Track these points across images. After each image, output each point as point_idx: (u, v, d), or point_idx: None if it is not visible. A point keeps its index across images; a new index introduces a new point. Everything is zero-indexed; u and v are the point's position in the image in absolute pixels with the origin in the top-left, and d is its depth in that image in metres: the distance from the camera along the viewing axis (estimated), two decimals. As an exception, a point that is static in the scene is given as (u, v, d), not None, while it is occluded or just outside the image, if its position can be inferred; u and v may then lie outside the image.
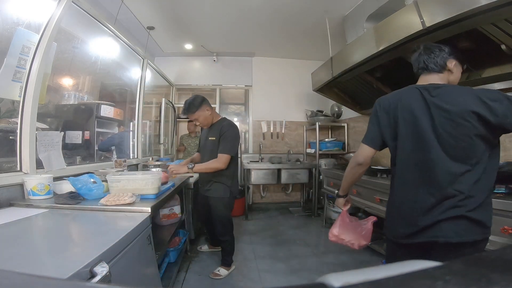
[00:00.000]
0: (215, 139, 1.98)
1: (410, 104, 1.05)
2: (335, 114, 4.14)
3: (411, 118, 1.04)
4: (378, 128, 1.13)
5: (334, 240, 1.39)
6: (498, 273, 0.17)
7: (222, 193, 2.02)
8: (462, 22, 1.43)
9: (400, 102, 1.08)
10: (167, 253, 2.04)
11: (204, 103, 1.99)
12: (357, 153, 1.20)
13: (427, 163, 1.01)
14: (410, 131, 1.04)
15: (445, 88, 1.02)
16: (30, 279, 0.19)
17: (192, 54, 4.15)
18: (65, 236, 0.88)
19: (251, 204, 4.16)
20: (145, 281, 1.08)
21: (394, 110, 1.08)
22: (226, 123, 2.02)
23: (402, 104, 1.07)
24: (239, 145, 4.18)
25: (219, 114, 2.15)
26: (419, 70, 1.12)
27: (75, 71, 2.71)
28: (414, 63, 1.14)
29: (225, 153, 1.91)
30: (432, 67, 1.07)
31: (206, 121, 2.01)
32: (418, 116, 1.03)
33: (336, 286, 0.18)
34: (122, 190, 1.35)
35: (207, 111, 1.99)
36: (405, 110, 1.06)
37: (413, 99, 1.05)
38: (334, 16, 2.88)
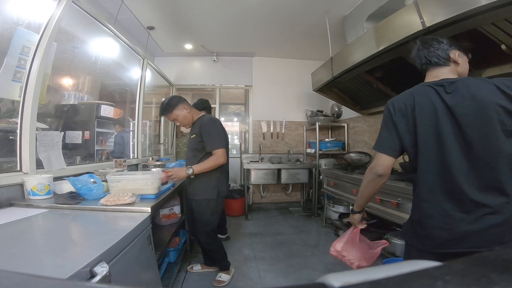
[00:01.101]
0: (195, 136, 1.85)
1: (427, 105, 0.96)
2: (335, 114, 4.14)
3: (430, 120, 0.96)
4: (396, 134, 1.02)
5: (335, 255, 1.32)
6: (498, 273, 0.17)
7: (208, 193, 1.84)
8: (462, 22, 1.43)
9: (416, 103, 0.98)
10: (167, 253, 2.04)
11: (181, 102, 1.89)
12: (374, 164, 1.08)
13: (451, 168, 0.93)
14: (431, 134, 0.96)
15: (461, 82, 0.94)
16: (30, 279, 0.19)
17: (192, 54, 4.15)
18: (65, 236, 0.88)
19: (251, 204, 4.16)
20: (145, 281, 1.08)
21: (412, 113, 0.99)
22: (205, 118, 1.90)
23: (418, 105, 0.98)
24: (239, 145, 4.23)
25: (200, 112, 2.02)
26: (422, 66, 1.06)
27: (75, 71, 2.71)
28: (416, 59, 1.08)
29: (216, 148, 1.77)
30: (435, 61, 1.01)
31: (186, 120, 1.90)
32: (437, 117, 0.94)
33: (336, 286, 0.18)
34: (122, 190, 1.35)
35: (185, 110, 1.88)
36: (423, 111, 0.97)
37: (429, 98, 0.97)
38: (334, 16, 2.88)
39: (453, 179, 0.93)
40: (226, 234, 2.91)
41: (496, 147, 0.88)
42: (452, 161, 0.93)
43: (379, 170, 1.06)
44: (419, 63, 1.07)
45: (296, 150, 4.35)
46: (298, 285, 0.19)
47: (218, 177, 1.88)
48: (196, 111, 1.98)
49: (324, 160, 3.64)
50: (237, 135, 4.61)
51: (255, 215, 3.89)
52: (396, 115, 1.02)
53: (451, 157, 0.93)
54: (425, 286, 0.16)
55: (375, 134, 3.47)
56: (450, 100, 0.93)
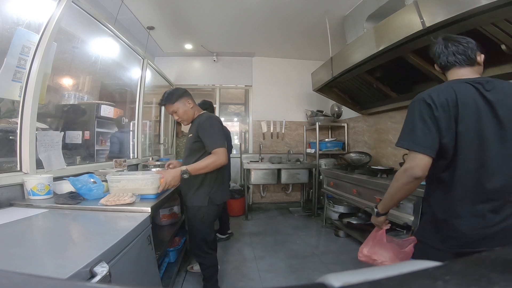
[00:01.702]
0: (192, 135, 1.69)
1: (470, 101, 0.92)
2: (335, 114, 4.14)
3: (473, 117, 0.91)
4: (436, 131, 0.93)
5: (364, 260, 1.24)
6: (498, 273, 0.17)
7: (200, 201, 1.64)
8: (462, 22, 1.43)
9: (459, 98, 0.92)
10: (167, 253, 2.04)
11: (187, 96, 1.73)
12: (411, 165, 0.96)
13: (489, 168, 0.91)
14: (473, 132, 0.92)
15: (496, 82, 0.93)
16: (30, 279, 0.19)
17: (192, 54, 4.15)
18: (65, 236, 0.88)
19: (251, 204, 4.16)
20: (145, 281, 1.08)
21: (454, 109, 0.92)
22: (204, 116, 1.72)
23: (461, 101, 0.92)
24: (239, 145, 4.23)
25: (202, 110, 1.84)
26: (448, 63, 1.01)
27: (75, 71, 2.71)
28: (441, 55, 1.03)
29: (216, 147, 1.55)
30: (463, 59, 0.98)
31: (186, 115, 1.72)
32: (480, 114, 0.91)
33: (336, 286, 0.18)
34: (122, 190, 1.34)
35: (188, 104, 1.72)
36: (467, 108, 0.91)
37: (471, 94, 0.92)
38: (334, 16, 2.88)
39: (491, 180, 0.90)
40: (226, 235, 2.91)
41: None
42: (491, 161, 0.90)
43: (417, 172, 0.95)
44: (444, 60, 1.02)
45: (296, 150, 4.35)
46: (298, 285, 0.19)
47: (212, 182, 1.67)
48: (199, 109, 1.82)
49: (324, 160, 3.64)
50: (237, 135, 4.61)
51: (255, 215, 3.89)
52: (438, 110, 0.93)
53: (491, 157, 0.90)
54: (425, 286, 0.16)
55: (375, 134, 3.48)
56: (492, 97, 0.90)
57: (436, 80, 2.03)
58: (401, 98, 2.64)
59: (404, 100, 2.60)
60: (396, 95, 2.70)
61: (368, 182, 2.30)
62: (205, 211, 1.65)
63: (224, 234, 2.90)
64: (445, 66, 1.04)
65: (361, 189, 2.42)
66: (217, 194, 1.69)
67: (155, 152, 3.57)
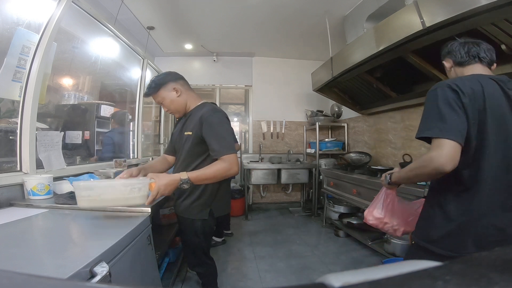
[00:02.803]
0: (191, 133, 1.33)
1: (496, 94, 0.88)
2: (335, 114, 4.14)
3: (499, 111, 0.87)
4: (465, 118, 0.85)
5: (374, 223, 1.14)
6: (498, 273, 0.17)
7: (197, 213, 1.36)
8: (462, 22, 1.43)
9: (486, 90, 0.87)
10: (167, 253, 2.04)
11: (172, 80, 1.37)
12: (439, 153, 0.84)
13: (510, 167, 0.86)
14: (498, 127, 0.87)
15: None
16: (30, 279, 0.19)
17: (192, 54, 4.15)
18: (65, 236, 0.88)
19: (251, 204, 4.16)
20: (145, 281, 1.08)
21: (480, 99, 0.86)
22: (207, 109, 1.33)
23: (488, 93, 0.87)
24: (240, 145, 4.23)
25: (199, 99, 1.46)
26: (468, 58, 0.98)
27: (75, 71, 2.70)
28: (460, 49, 1.00)
29: (227, 153, 1.23)
30: (484, 56, 0.96)
31: (173, 105, 1.38)
32: (505, 110, 0.87)
33: (336, 286, 0.18)
34: (98, 201, 0.96)
35: (174, 92, 1.36)
36: (493, 100, 0.86)
37: (496, 88, 0.88)
38: (334, 16, 2.88)
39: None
40: (222, 238, 2.79)
41: None
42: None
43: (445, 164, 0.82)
44: (465, 54, 0.98)
45: (296, 150, 4.35)
46: (298, 285, 0.19)
47: (215, 191, 1.37)
48: (194, 97, 1.44)
49: (324, 160, 3.64)
50: (237, 135, 4.60)
51: (255, 215, 3.89)
52: (465, 97, 0.85)
53: None
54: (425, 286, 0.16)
55: (375, 134, 3.49)
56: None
57: (436, 80, 2.03)
58: (401, 98, 2.64)
59: (404, 100, 2.60)
60: (396, 95, 2.70)
61: (368, 182, 2.30)
62: (202, 224, 1.38)
63: (221, 236, 2.77)
64: (462, 62, 0.98)
65: (361, 189, 2.42)
66: (220, 206, 1.43)
67: (155, 152, 3.57)
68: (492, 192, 0.86)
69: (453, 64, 1.03)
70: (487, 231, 0.86)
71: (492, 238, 0.85)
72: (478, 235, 0.86)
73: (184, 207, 1.37)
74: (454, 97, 0.86)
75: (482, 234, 0.86)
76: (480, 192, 0.87)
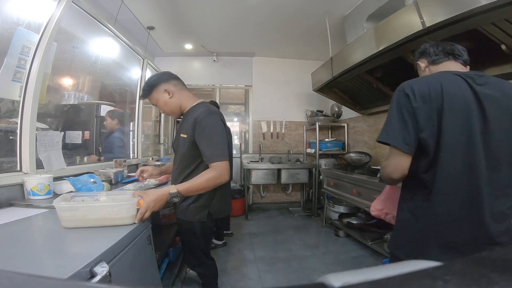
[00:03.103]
0: (186, 136, 1.30)
1: (458, 94, 0.83)
2: (335, 114, 4.14)
3: (461, 112, 0.82)
4: (413, 126, 0.84)
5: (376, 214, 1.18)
6: (498, 273, 0.17)
7: (194, 215, 1.33)
8: (462, 22, 1.43)
9: (445, 89, 0.83)
10: (167, 253, 2.04)
11: (163, 81, 1.34)
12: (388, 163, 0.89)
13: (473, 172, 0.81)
14: (461, 129, 0.82)
15: (489, 77, 0.86)
16: (30, 279, 0.19)
17: (192, 54, 4.15)
18: (65, 236, 0.88)
19: (251, 204, 4.16)
20: (145, 281, 1.08)
21: (438, 100, 0.83)
22: (201, 110, 1.29)
23: (448, 93, 0.82)
24: (239, 145, 4.23)
25: (194, 98, 1.42)
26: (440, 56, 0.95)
27: (75, 71, 2.71)
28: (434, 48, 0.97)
29: (217, 160, 1.20)
30: (458, 54, 0.93)
31: (168, 107, 1.37)
32: (469, 110, 0.82)
33: (336, 286, 0.18)
34: (83, 221, 0.92)
35: (165, 93, 1.34)
36: (454, 100, 0.82)
37: (460, 86, 0.84)
38: (334, 16, 2.88)
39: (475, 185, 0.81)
40: (223, 240, 2.76)
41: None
42: (477, 164, 0.81)
43: (392, 173, 0.87)
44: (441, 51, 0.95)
45: (296, 150, 4.35)
46: (298, 285, 0.19)
47: (212, 193, 1.33)
48: (188, 97, 1.40)
49: (324, 160, 3.64)
50: (237, 135, 4.61)
51: (255, 215, 3.89)
52: (416, 101, 0.83)
53: (478, 159, 0.81)
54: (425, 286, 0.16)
55: (375, 134, 3.48)
56: (481, 91, 0.82)
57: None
58: (401, 98, 2.63)
59: (404, 100, 2.59)
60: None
61: (368, 182, 2.30)
62: (200, 226, 1.35)
63: (221, 239, 2.73)
64: (436, 59, 0.96)
65: (361, 189, 2.42)
66: (219, 207, 1.38)
67: (155, 152, 3.57)
68: (452, 197, 0.83)
69: (428, 64, 1.00)
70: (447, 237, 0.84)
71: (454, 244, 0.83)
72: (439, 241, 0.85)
73: (182, 209, 1.35)
74: (405, 101, 0.85)
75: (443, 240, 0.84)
76: (439, 196, 0.85)
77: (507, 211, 0.82)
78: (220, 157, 1.21)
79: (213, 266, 1.54)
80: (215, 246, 2.67)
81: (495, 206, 0.81)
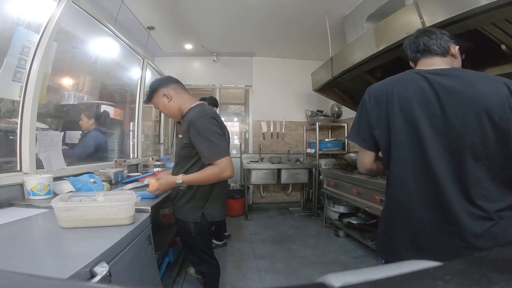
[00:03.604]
0: (182, 137, 1.35)
1: (407, 90, 0.86)
2: (335, 114, 4.14)
3: (407, 108, 0.85)
4: (367, 124, 0.93)
5: None
6: (498, 273, 0.17)
7: (188, 215, 1.37)
8: (462, 22, 1.43)
9: (396, 90, 0.87)
10: (167, 253, 2.04)
11: (162, 86, 1.38)
12: (357, 159, 1.01)
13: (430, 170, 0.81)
14: (407, 126, 0.85)
15: (458, 70, 0.84)
16: (30, 279, 0.19)
17: (192, 54, 4.15)
18: (65, 236, 0.88)
19: (251, 204, 4.16)
20: (145, 281, 1.08)
21: (388, 100, 0.88)
22: (194, 112, 1.33)
23: (397, 93, 0.87)
24: (239, 145, 4.23)
25: (193, 100, 1.44)
26: (418, 54, 0.94)
27: (75, 71, 2.70)
28: (411, 46, 0.96)
29: (218, 158, 1.23)
30: (434, 49, 0.90)
31: (168, 110, 1.41)
32: (417, 105, 0.83)
33: (336, 286, 0.18)
34: (81, 221, 0.92)
35: (164, 98, 1.38)
36: (402, 100, 0.86)
37: (412, 83, 0.86)
38: (334, 16, 2.88)
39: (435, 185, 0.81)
40: (223, 241, 2.75)
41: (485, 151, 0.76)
42: (433, 164, 0.80)
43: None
44: (414, 50, 0.95)
45: (296, 150, 4.35)
46: (298, 285, 0.19)
47: (206, 194, 1.37)
48: (187, 99, 1.43)
49: (324, 160, 3.64)
50: (237, 135, 4.61)
51: (255, 215, 3.89)
52: (370, 103, 0.93)
53: (432, 158, 0.81)
54: (425, 286, 0.16)
55: (375, 134, 3.45)
56: (441, 84, 0.82)
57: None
58: (401, 98, 2.63)
59: (404, 100, 2.59)
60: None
61: (368, 182, 2.30)
62: (195, 227, 1.38)
63: (221, 240, 2.73)
64: (414, 57, 0.95)
65: (361, 189, 2.42)
66: (214, 210, 1.39)
67: (155, 152, 3.57)
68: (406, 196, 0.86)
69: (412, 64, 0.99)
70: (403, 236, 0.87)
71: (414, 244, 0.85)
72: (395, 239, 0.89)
73: (178, 208, 1.41)
74: (363, 103, 0.96)
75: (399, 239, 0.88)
76: (394, 194, 0.91)
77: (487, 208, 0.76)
78: (219, 155, 1.24)
79: (214, 265, 1.55)
80: (215, 246, 2.67)
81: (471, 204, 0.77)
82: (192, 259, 1.58)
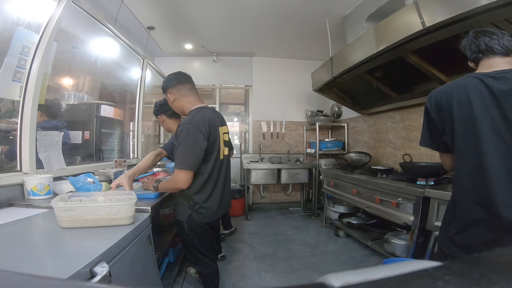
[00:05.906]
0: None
1: (465, 95, 0.88)
2: (335, 114, 4.14)
3: (468, 115, 0.87)
4: (436, 132, 0.99)
5: None
6: (498, 273, 0.17)
7: (181, 215, 1.43)
8: (462, 22, 1.43)
9: (455, 96, 0.91)
10: (167, 253, 2.04)
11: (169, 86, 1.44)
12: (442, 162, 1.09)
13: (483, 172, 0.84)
14: (469, 131, 0.88)
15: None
16: (30, 279, 0.19)
17: (192, 54, 4.15)
18: (65, 236, 0.88)
19: (251, 204, 4.16)
20: (145, 281, 1.08)
21: (448, 107, 0.92)
22: (187, 117, 1.39)
23: (457, 100, 0.90)
24: (239, 145, 4.23)
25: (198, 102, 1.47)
26: (479, 54, 0.93)
27: (75, 71, 2.70)
28: (471, 47, 0.96)
29: (177, 168, 1.30)
30: (497, 48, 0.89)
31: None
32: (476, 110, 0.85)
33: (336, 286, 0.18)
34: (80, 221, 0.92)
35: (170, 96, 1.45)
36: (461, 105, 0.89)
37: (471, 89, 0.88)
38: (334, 16, 2.88)
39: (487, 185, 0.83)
40: (231, 229, 2.82)
41: None
42: (489, 164, 0.83)
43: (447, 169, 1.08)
44: (475, 50, 0.94)
45: (296, 150, 4.35)
46: (298, 285, 0.18)
47: (193, 197, 1.38)
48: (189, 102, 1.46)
49: (324, 160, 3.64)
50: (237, 135, 4.61)
51: (255, 215, 3.89)
52: (433, 111, 0.98)
53: (490, 160, 0.83)
54: (425, 286, 0.16)
55: (375, 134, 3.50)
56: (500, 90, 0.83)
57: (436, 80, 2.03)
58: (401, 98, 2.64)
59: (404, 100, 2.60)
60: (396, 95, 2.70)
61: (368, 182, 2.30)
62: (188, 227, 1.42)
63: (228, 229, 2.79)
64: (475, 58, 0.95)
65: (361, 189, 2.42)
66: (203, 212, 1.39)
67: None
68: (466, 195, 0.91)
69: (472, 64, 1.00)
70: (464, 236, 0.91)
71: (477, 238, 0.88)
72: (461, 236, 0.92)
73: (175, 211, 1.50)
74: (426, 114, 1.02)
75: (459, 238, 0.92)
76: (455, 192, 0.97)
77: None
78: (179, 165, 1.29)
79: (210, 266, 1.55)
80: (223, 236, 2.70)
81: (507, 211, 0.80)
82: (189, 258, 1.60)
